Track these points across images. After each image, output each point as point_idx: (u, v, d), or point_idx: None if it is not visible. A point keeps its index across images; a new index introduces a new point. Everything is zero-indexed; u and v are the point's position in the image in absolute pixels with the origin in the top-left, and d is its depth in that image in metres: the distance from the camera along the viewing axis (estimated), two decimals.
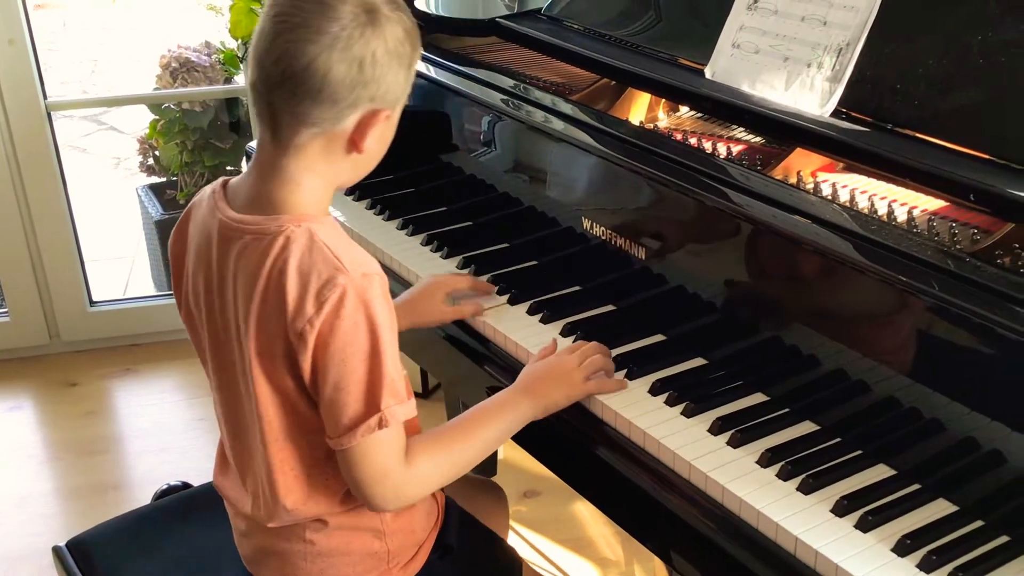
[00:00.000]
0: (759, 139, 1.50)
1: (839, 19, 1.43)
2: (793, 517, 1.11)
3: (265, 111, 1.14)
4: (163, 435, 2.77)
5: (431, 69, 1.84)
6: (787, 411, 1.28)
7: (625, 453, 1.27)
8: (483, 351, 1.50)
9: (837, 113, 1.41)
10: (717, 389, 1.33)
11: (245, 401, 1.21)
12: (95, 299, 3.17)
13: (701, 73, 1.58)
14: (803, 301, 1.29)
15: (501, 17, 1.95)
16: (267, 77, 1.11)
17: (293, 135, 1.13)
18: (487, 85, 1.74)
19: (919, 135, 1.32)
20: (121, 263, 3.84)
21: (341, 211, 1.87)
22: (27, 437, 2.81)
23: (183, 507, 1.56)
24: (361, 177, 1.23)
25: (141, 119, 3.61)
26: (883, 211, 1.28)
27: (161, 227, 3.27)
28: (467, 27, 2.01)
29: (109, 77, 6.32)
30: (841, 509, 1.12)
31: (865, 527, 1.10)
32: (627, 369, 1.36)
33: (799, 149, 1.42)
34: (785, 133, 1.44)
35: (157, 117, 3.25)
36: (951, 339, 1.11)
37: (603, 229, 1.51)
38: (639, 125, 1.61)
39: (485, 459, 2.30)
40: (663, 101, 1.67)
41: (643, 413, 1.29)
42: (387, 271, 1.66)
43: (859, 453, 1.20)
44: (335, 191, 1.21)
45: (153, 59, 3.27)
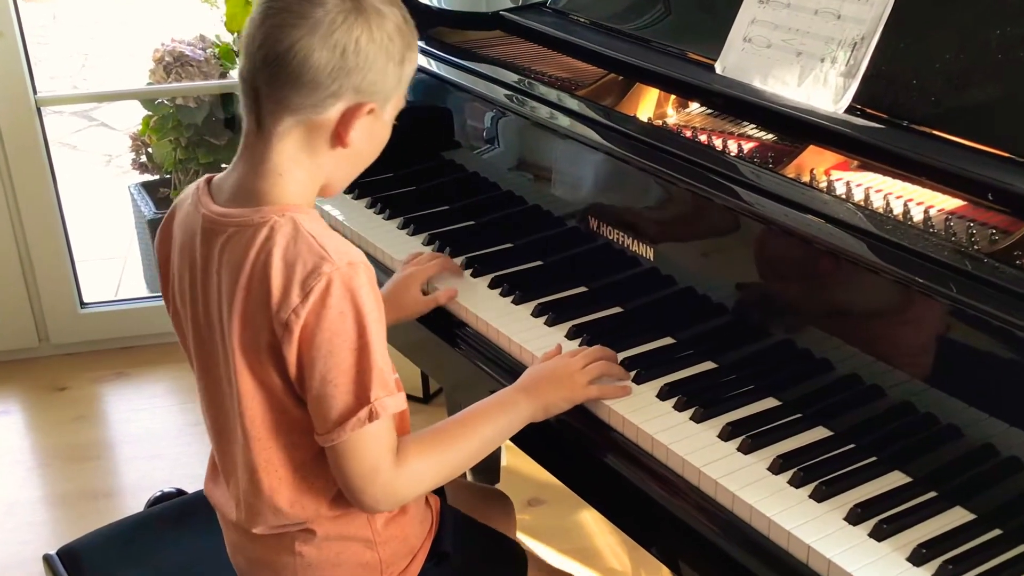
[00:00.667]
0: (771, 136, 1.50)
1: (853, 12, 1.43)
2: (805, 525, 1.12)
3: (250, 99, 1.16)
4: (155, 441, 2.78)
5: (433, 63, 1.84)
6: (799, 416, 1.28)
7: (632, 459, 1.27)
8: (486, 353, 1.50)
9: (851, 109, 1.41)
10: (727, 393, 1.33)
11: (229, 400, 1.22)
12: (86, 300, 3.17)
13: (711, 68, 1.58)
14: (816, 303, 1.29)
15: (505, 10, 1.96)
16: (252, 63, 1.14)
17: (275, 123, 1.15)
18: (491, 80, 1.74)
19: (936, 132, 1.32)
20: (112, 263, 3.85)
21: (339, 209, 1.88)
22: (15, 443, 2.82)
23: (177, 515, 1.56)
24: (352, 177, 1.24)
25: (133, 115, 3.62)
26: (899, 210, 1.28)
27: (154, 226, 3.26)
28: (470, 20, 2.01)
29: (100, 72, 6.34)
30: (855, 517, 1.12)
31: (880, 536, 1.10)
32: (635, 373, 1.37)
33: (812, 146, 1.42)
34: (798, 130, 1.44)
35: (150, 113, 3.26)
36: (968, 342, 1.11)
37: (610, 229, 1.51)
38: (647, 122, 1.62)
39: (488, 467, 2.33)
40: (672, 97, 1.67)
41: (651, 418, 1.29)
42: (387, 272, 1.68)
43: (873, 459, 1.21)
44: (322, 188, 1.22)
45: (146, 53, 3.27)
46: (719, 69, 1.57)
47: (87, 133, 5.48)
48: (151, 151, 3.39)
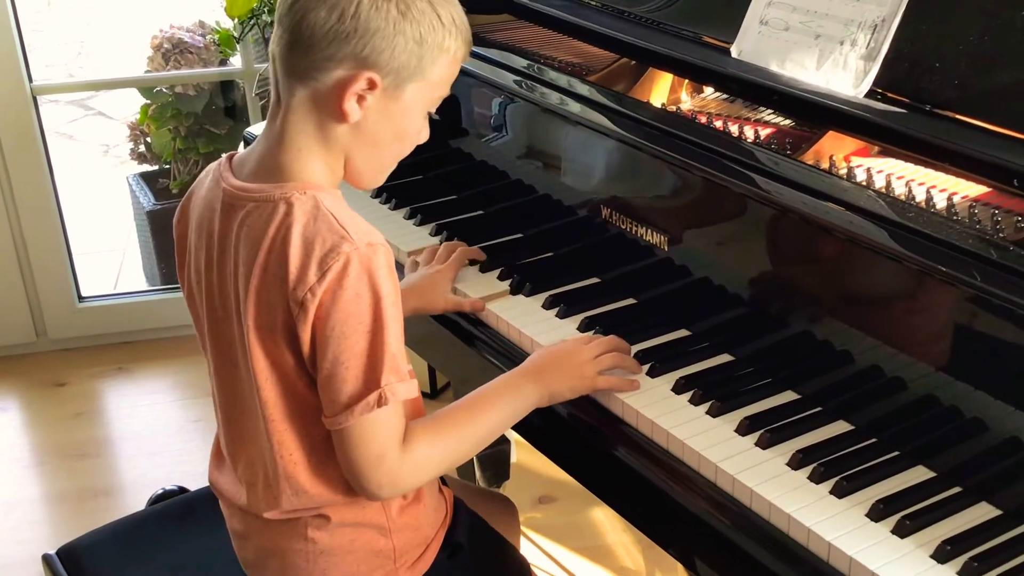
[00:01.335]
0: (789, 122, 1.50)
1: None
2: (826, 522, 1.12)
3: (273, 70, 1.20)
4: (156, 437, 2.79)
5: None
6: (819, 410, 1.28)
7: (647, 454, 1.27)
8: (496, 347, 1.50)
9: (872, 94, 1.41)
10: (745, 387, 1.33)
11: (243, 381, 1.23)
12: (84, 294, 3.18)
13: (727, 52, 1.58)
14: (836, 293, 1.29)
15: None
16: (276, 33, 1.18)
17: (289, 93, 1.18)
18: (499, 65, 1.74)
19: (959, 116, 1.32)
20: (111, 256, 3.86)
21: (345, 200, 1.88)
22: (13, 440, 2.83)
23: (179, 513, 1.57)
24: (375, 166, 1.25)
25: (131, 104, 3.63)
26: (921, 197, 1.28)
27: (153, 218, 3.28)
28: (477, 3, 2.01)
29: (97, 59, 6.35)
30: (877, 513, 1.12)
31: (903, 532, 1.10)
32: (649, 366, 1.37)
33: (831, 132, 1.42)
34: (816, 115, 1.44)
35: (148, 101, 3.26)
36: (994, 332, 1.11)
37: (623, 218, 1.51)
38: (661, 107, 1.62)
39: (498, 463, 2.33)
40: (686, 82, 1.67)
41: (666, 412, 1.29)
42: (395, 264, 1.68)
43: (896, 454, 1.21)
44: (347, 173, 1.23)
45: (144, 40, 3.28)
46: (735, 53, 1.57)
47: (84, 122, 5.50)
48: (150, 140, 3.40)
